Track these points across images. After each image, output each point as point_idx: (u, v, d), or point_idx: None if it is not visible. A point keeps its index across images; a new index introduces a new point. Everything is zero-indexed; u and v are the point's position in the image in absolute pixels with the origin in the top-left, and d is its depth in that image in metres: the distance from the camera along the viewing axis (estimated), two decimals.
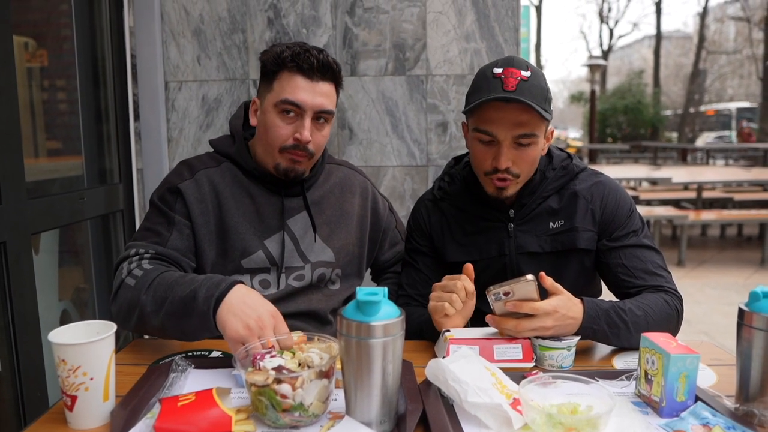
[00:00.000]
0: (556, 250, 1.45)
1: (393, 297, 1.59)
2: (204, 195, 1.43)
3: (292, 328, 1.13)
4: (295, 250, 1.48)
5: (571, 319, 1.21)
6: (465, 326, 1.33)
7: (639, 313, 1.28)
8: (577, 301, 1.24)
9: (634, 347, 1.26)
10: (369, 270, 1.74)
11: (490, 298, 1.22)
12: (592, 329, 1.24)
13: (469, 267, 1.30)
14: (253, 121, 1.47)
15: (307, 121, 1.37)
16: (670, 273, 1.43)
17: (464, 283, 1.27)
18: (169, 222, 1.40)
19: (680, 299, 1.38)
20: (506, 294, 1.20)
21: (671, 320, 1.34)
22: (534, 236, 1.46)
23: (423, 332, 1.38)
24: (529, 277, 1.18)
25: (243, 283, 1.21)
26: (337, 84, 1.44)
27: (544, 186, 1.46)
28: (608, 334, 1.26)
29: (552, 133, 1.44)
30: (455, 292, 1.26)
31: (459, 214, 1.53)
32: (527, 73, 1.31)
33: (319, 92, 1.38)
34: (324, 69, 1.37)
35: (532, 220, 1.46)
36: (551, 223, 1.45)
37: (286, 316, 1.41)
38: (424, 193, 1.65)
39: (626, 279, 1.41)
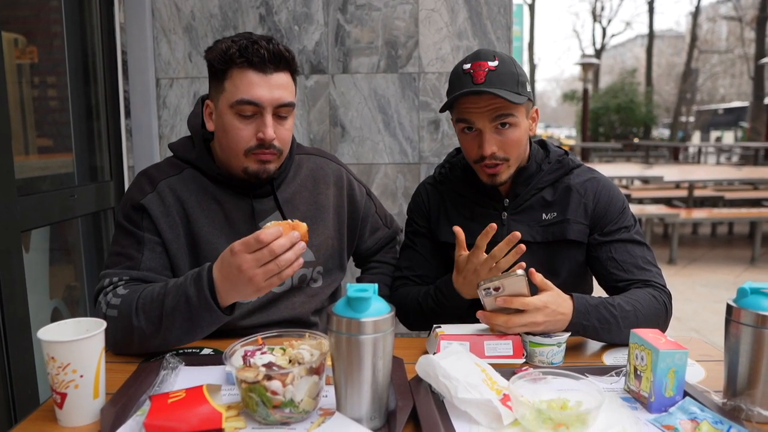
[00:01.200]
0: (546, 241, 1.47)
1: (383, 288, 1.59)
2: (169, 207, 1.37)
3: (276, 336, 1.09)
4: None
5: (561, 314, 1.22)
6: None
7: (628, 308, 1.29)
8: (567, 297, 1.25)
9: (623, 343, 1.27)
10: (351, 259, 1.72)
11: (481, 293, 1.22)
12: (582, 325, 1.25)
13: (458, 231, 1.32)
14: (209, 125, 1.38)
15: (268, 118, 1.30)
16: (659, 269, 1.45)
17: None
18: (139, 242, 1.34)
19: (669, 295, 1.40)
20: (496, 289, 1.20)
21: (660, 316, 1.35)
22: (526, 226, 1.48)
23: (423, 309, 1.42)
24: (519, 272, 1.19)
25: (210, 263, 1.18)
26: (293, 72, 1.36)
27: (539, 177, 1.49)
28: (598, 330, 1.27)
29: (537, 112, 1.47)
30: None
31: (456, 198, 1.56)
32: (494, 63, 1.36)
33: (275, 85, 1.29)
34: (276, 59, 1.29)
35: (525, 211, 1.49)
36: (544, 215, 1.48)
37: (270, 325, 1.39)
38: (425, 179, 1.67)
39: (615, 273, 1.42)
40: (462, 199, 1.55)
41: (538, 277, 1.23)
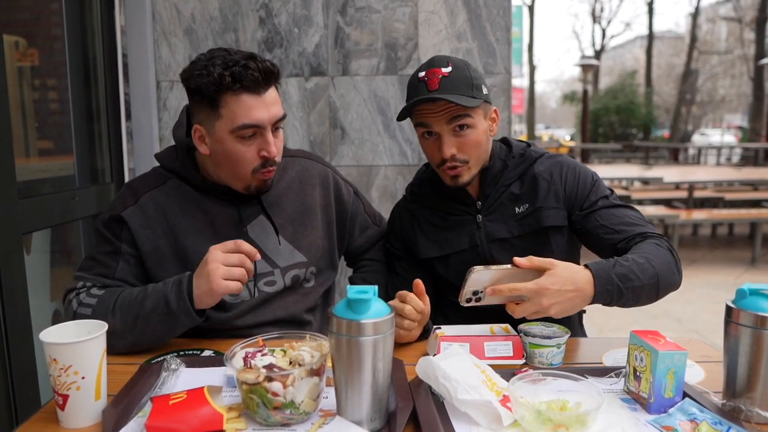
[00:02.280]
0: (524, 233, 1.48)
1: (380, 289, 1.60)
2: (150, 220, 1.39)
3: (276, 337, 1.09)
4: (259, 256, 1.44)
5: (572, 292, 1.17)
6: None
7: (641, 260, 1.26)
8: (579, 269, 1.20)
9: (646, 301, 1.28)
10: (343, 258, 1.73)
11: (471, 301, 1.21)
12: (607, 291, 1.20)
13: (418, 284, 1.30)
14: (203, 149, 1.36)
15: (269, 137, 1.32)
16: (648, 222, 1.44)
17: (413, 304, 1.28)
18: (116, 252, 1.37)
19: (667, 240, 1.38)
20: (475, 294, 1.20)
21: (671, 261, 1.32)
22: (502, 223, 1.49)
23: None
24: (477, 268, 1.17)
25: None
26: (278, 84, 1.38)
27: (505, 174, 1.50)
28: (623, 291, 1.21)
29: (496, 112, 1.48)
30: (404, 317, 1.28)
31: (429, 213, 1.56)
32: (448, 69, 1.38)
33: (270, 102, 1.31)
34: (267, 77, 1.30)
35: (498, 209, 1.50)
36: (516, 208, 1.49)
37: (264, 324, 1.40)
38: (397, 202, 1.68)
39: (609, 237, 1.41)
40: (434, 211, 1.56)
41: (525, 262, 1.18)
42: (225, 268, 1.22)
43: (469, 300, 1.20)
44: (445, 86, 1.36)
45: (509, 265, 1.18)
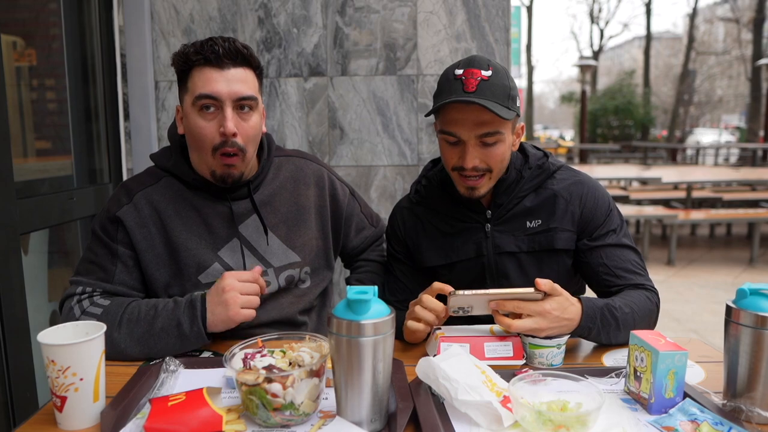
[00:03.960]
0: (532, 250, 1.45)
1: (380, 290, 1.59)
2: (145, 218, 1.39)
3: (276, 338, 1.10)
4: (252, 256, 1.43)
5: (566, 320, 1.21)
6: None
7: (627, 310, 1.30)
8: (574, 301, 1.24)
9: (617, 344, 1.30)
10: (339, 258, 1.72)
11: (457, 312, 1.25)
12: (588, 328, 1.25)
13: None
14: (180, 129, 1.40)
15: (228, 111, 1.30)
16: (647, 271, 1.46)
17: (430, 305, 1.27)
18: (113, 254, 1.37)
19: (658, 295, 1.42)
20: (461, 308, 1.24)
21: (652, 315, 1.38)
22: (511, 236, 1.45)
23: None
24: (461, 291, 1.22)
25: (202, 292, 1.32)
26: (255, 68, 1.37)
27: (520, 185, 1.45)
28: (600, 332, 1.27)
29: (522, 128, 1.44)
30: (422, 306, 1.27)
31: (435, 217, 1.52)
32: (488, 73, 1.31)
33: (233, 79, 1.30)
34: (232, 55, 1.30)
35: (509, 221, 1.46)
36: (528, 223, 1.45)
37: (259, 326, 1.41)
38: (401, 200, 1.63)
39: (608, 278, 1.42)
40: (441, 216, 1.50)
41: (547, 286, 1.21)
42: (243, 297, 1.26)
43: (456, 312, 1.25)
44: (483, 91, 1.28)
45: (488, 290, 1.22)
